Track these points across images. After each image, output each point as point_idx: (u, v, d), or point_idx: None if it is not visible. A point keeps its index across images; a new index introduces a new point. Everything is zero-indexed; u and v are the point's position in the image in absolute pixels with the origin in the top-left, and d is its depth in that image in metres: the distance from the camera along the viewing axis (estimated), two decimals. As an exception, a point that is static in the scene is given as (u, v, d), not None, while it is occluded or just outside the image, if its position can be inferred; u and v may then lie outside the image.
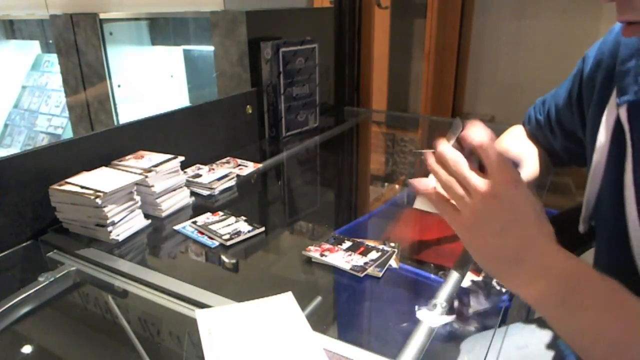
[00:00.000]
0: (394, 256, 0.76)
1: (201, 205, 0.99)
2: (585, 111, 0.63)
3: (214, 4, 1.38)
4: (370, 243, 0.80)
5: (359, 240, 0.81)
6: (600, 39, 0.62)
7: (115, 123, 1.88)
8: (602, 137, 0.55)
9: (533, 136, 0.83)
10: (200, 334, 0.58)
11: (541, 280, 0.46)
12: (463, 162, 0.52)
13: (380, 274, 0.71)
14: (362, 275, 0.71)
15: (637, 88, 0.52)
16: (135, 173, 0.89)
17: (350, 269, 0.72)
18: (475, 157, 0.51)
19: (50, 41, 2.32)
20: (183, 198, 0.97)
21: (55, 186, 0.83)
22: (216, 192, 1.04)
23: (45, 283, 0.72)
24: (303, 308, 0.63)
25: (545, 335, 0.79)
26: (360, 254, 0.76)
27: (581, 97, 0.65)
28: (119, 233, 0.84)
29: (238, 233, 0.83)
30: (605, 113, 0.55)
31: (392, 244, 0.79)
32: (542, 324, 0.83)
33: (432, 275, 0.74)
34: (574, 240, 0.73)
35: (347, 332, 0.66)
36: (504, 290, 0.75)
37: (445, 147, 0.54)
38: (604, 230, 0.57)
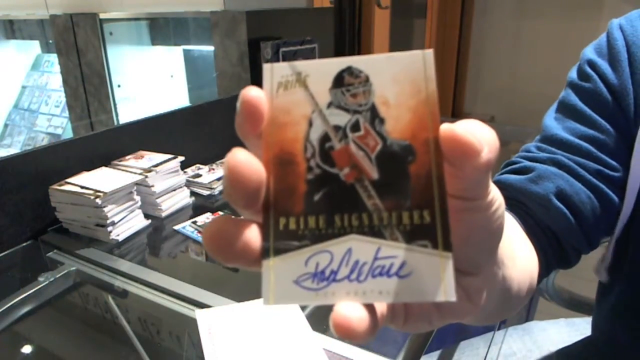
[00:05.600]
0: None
1: (201, 205, 0.99)
2: (632, 115, 0.46)
3: (214, 4, 1.38)
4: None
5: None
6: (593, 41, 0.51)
7: (115, 123, 1.88)
8: None
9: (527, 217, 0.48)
10: (200, 334, 0.58)
11: None
12: None
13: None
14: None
15: None
16: (135, 173, 0.89)
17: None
18: None
19: (50, 41, 2.32)
20: (183, 198, 0.97)
21: (55, 186, 0.83)
22: (216, 192, 1.04)
23: (45, 283, 0.72)
24: (303, 308, 0.63)
25: (532, 342, 0.78)
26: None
27: (618, 105, 0.47)
28: (119, 233, 0.84)
29: (238, 233, 0.83)
30: None
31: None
32: (527, 328, 0.81)
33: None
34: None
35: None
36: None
37: None
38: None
